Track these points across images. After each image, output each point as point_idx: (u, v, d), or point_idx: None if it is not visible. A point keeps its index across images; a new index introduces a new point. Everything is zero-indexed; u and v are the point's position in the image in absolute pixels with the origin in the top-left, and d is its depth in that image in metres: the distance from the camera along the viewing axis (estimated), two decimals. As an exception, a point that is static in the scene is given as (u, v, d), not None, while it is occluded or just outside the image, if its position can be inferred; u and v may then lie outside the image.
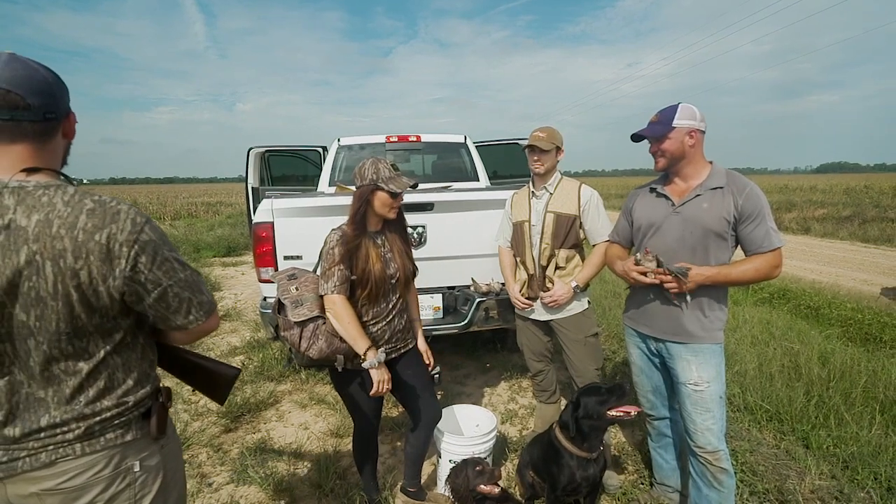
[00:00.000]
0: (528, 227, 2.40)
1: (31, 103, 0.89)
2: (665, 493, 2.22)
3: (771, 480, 2.32)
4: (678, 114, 1.75)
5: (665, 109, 1.80)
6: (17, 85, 0.88)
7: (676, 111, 1.76)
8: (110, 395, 0.98)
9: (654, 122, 1.82)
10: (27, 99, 0.89)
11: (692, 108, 1.76)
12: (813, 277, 7.08)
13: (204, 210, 23.14)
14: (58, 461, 0.93)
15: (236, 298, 6.51)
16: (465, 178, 4.47)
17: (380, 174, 1.79)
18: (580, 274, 2.33)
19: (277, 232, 2.80)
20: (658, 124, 1.79)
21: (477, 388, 3.60)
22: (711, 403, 1.80)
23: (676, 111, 1.76)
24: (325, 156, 5.24)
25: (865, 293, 6.05)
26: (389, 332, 1.93)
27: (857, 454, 2.44)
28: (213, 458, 2.70)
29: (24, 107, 0.89)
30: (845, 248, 10.34)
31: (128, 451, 1.01)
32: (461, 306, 3.10)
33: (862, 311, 4.91)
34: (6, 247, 0.85)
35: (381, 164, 1.81)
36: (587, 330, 2.40)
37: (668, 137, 1.77)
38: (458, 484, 1.96)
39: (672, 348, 1.88)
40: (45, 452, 0.93)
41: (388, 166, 1.81)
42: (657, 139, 1.80)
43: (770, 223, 1.70)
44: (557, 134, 2.34)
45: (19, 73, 0.89)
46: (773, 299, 5.72)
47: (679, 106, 1.77)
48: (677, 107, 1.77)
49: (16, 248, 0.85)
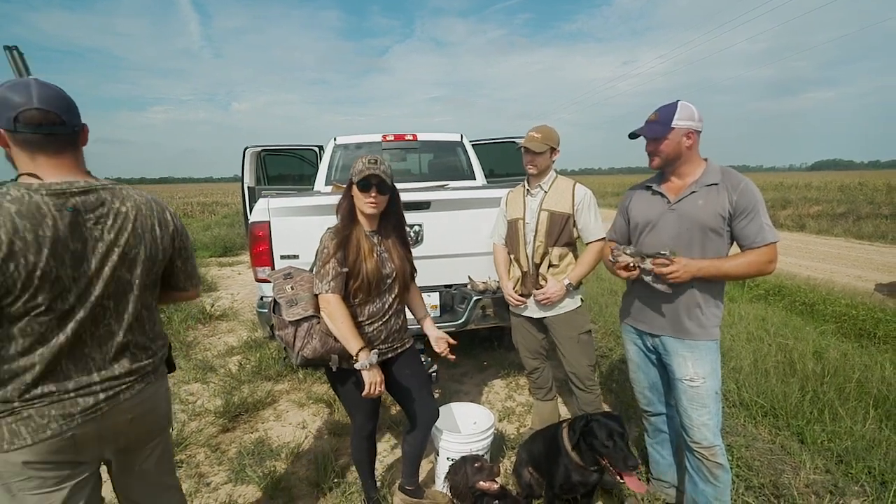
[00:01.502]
0: (523, 224, 2.41)
1: (64, 119, 1.13)
2: (662, 488, 2.23)
3: (766, 475, 2.33)
4: (677, 114, 1.74)
5: (664, 108, 1.79)
6: (53, 105, 1.11)
7: (676, 110, 1.75)
8: (161, 339, 1.39)
9: (652, 122, 1.80)
10: (62, 116, 1.13)
11: (691, 108, 1.75)
12: (808, 274, 7.13)
13: (200, 210, 23.03)
14: (143, 390, 1.30)
15: (233, 298, 6.50)
16: (461, 177, 4.47)
17: (355, 168, 1.81)
18: (573, 272, 2.34)
19: (274, 231, 2.80)
20: (657, 124, 1.78)
21: (474, 386, 3.61)
22: (707, 399, 1.81)
23: (676, 110, 1.75)
24: (321, 155, 5.22)
25: (860, 289, 6.10)
26: (386, 331, 1.93)
27: (851, 448, 2.47)
28: (211, 457, 2.69)
29: (60, 122, 1.12)
30: (840, 245, 10.41)
31: (165, 378, 1.43)
32: (458, 305, 3.10)
33: (856, 307, 4.94)
34: (118, 227, 1.19)
35: (362, 159, 1.82)
36: (580, 327, 2.41)
37: (665, 138, 1.76)
38: (456, 481, 1.96)
39: (668, 344, 1.89)
40: (136, 385, 1.28)
41: (365, 161, 1.81)
42: (655, 139, 1.80)
43: (764, 218, 1.71)
44: (553, 133, 2.34)
45: (52, 95, 1.12)
46: (769, 296, 5.75)
47: (678, 105, 1.76)
48: (676, 105, 1.76)
49: (124, 227, 1.20)
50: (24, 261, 1.03)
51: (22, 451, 1.10)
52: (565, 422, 2.08)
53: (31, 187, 1.08)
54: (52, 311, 1.09)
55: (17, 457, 1.10)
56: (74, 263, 1.11)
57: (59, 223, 1.08)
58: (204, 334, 4.97)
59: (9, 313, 1.06)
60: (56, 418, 1.12)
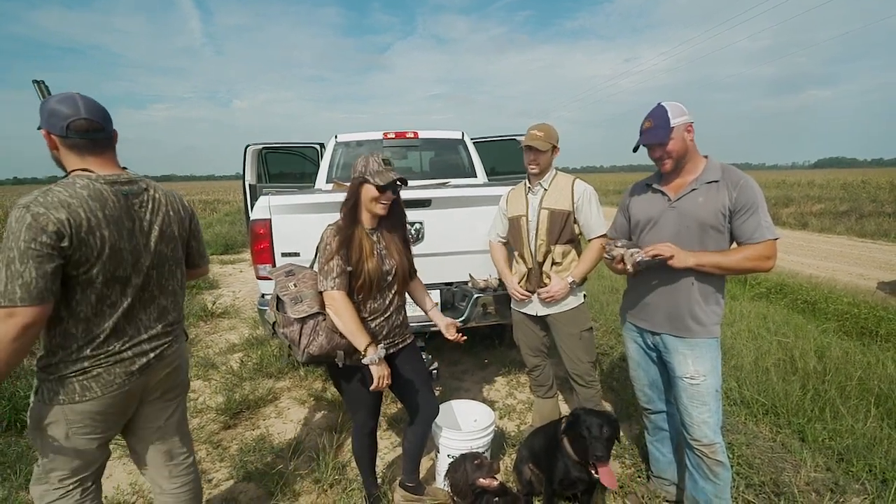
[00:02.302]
0: (526, 222, 2.41)
1: (104, 126, 1.38)
2: (662, 485, 2.23)
3: (767, 473, 2.34)
4: (670, 112, 1.74)
5: (654, 112, 1.78)
6: (95, 114, 1.35)
7: (668, 111, 1.74)
8: (181, 306, 1.63)
9: (651, 129, 1.78)
10: (102, 123, 1.38)
11: (678, 105, 1.75)
12: (810, 272, 7.11)
13: (201, 208, 23.03)
14: (178, 347, 1.59)
15: (234, 296, 6.52)
16: (462, 175, 4.46)
17: (368, 167, 1.80)
18: (576, 269, 2.34)
19: (275, 229, 2.80)
20: (657, 129, 1.76)
21: (475, 383, 3.61)
22: (708, 397, 1.81)
23: (668, 111, 1.74)
24: (322, 152, 5.22)
25: (862, 287, 6.08)
26: (388, 327, 1.94)
27: (852, 447, 2.47)
28: (213, 454, 2.71)
29: (101, 129, 1.37)
30: (842, 243, 10.38)
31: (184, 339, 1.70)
32: (459, 302, 3.10)
33: (858, 306, 4.93)
34: (156, 210, 1.47)
35: (373, 157, 1.82)
36: (582, 324, 2.41)
37: (671, 139, 1.75)
38: (456, 478, 1.97)
39: (669, 342, 1.89)
40: (175, 342, 1.56)
41: (378, 160, 1.81)
42: (662, 144, 1.77)
43: (763, 216, 1.70)
44: (554, 132, 2.34)
45: (94, 106, 1.36)
46: (771, 294, 5.74)
47: (666, 106, 1.75)
48: (664, 107, 1.75)
49: (159, 210, 1.48)
50: (98, 234, 1.27)
51: (91, 402, 1.34)
52: (563, 419, 2.08)
53: (90, 177, 1.33)
54: (117, 279, 1.34)
55: (85, 407, 1.34)
56: (129, 238, 1.37)
57: (117, 205, 1.34)
58: (206, 332, 4.99)
59: (86, 279, 1.28)
60: (119, 374, 1.38)
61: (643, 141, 1.81)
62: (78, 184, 1.29)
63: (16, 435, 2.80)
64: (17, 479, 2.37)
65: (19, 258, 1.17)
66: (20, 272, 1.16)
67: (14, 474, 2.40)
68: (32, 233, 1.17)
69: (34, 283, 1.17)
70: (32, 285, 1.17)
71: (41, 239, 1.18)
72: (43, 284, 1.19)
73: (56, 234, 1.20)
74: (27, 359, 3.55)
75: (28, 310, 1.17)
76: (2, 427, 2.83)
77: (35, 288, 1.17)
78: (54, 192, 1.25)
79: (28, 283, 1.17)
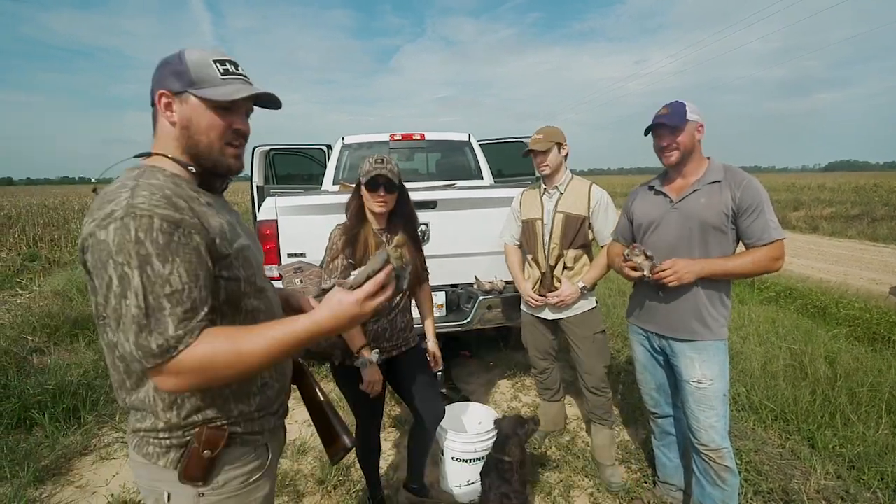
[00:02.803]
0: (541, 225, 2.39)
1: None
2: (668, 491, 2.21)
3: (776, 480, 2.30)
4: (688, 107, 1.75)
5: (672, 103, 1.79)
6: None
7: (685, 105, 1.75)
8: None
9: (666, 114, 1.78)
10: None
11: (695, 106, 1.76)
12: (821, 276, 7.01)
13: (210, 209, 23.17)
14: None
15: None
16: (469, 177, 4.46)
17: (363, 168, 1.82)
18: (587, 274, 2.33)
19: (281, 230, 2.82)
20: (673, 114, 1.76)
21: (480, 385, 3.60)
22: (715, 401, 1.79)
23: (685, 105, 1.75)
24: (329, 154, 5.24)
25: (874, 292, 5.98)
26: (391, 329, 1.94)
27: (863, 454, 2.42)
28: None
29: None
30: (854, 247, 10.23)
31: None
32: (464, 304, 3.09)
33: (870, 311, 4.85)
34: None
35: (369, 158, 1.83)
36: (595, 327, 2.40)
37: (683, 130, 1.75)
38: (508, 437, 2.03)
39: (675, 346, 1.87)
40: None
41: (372, 161, 1.82)
42: (674, 129, 1.75)
43: (769, 216, 1.69)
44: (555, 131, 2.33)
45: None
46: (780, 298, 5.67)
47: (685, 101, 1.77)
48: (683, 102, 1.77)
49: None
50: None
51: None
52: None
53: None
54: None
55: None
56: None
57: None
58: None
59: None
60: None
61: (659, 119, 1.79)
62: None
63: (25, 432, 2.83)
64: (26, 475, 2.39)
65: None
66: None
67: (22, 471, 2.43)
68: None
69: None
70: None
71: None
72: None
73: None
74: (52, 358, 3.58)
75: None
76: (11, 424, 2.86)
77: None
78: None
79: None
